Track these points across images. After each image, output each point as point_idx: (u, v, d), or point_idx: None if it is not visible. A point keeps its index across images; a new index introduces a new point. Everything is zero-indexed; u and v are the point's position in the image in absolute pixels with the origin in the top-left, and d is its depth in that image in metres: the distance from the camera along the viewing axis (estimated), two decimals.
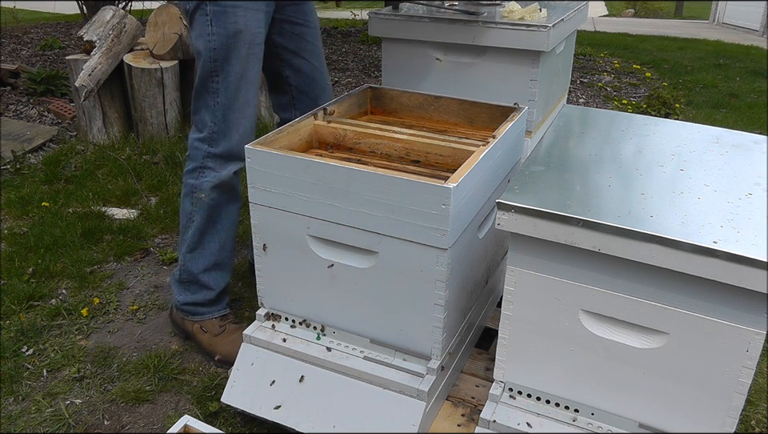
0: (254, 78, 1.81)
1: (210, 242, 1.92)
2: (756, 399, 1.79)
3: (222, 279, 1.96)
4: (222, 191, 1.87)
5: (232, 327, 1.96)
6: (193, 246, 1.92)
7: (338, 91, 4.69)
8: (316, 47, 2.01)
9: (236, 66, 1.77)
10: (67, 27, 6.74)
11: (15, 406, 1.75)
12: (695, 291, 1.16)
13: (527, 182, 1.33)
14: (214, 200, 1.87)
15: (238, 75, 1.77)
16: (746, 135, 1.63)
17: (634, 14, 14.05)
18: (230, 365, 1.75)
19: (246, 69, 1.78)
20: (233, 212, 1.93)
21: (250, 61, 1.78)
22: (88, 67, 3.28)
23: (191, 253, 1.92)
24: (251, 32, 1.76)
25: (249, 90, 1.81)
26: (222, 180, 1.85)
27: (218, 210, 1.89)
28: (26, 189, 2.98)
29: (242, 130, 1.82)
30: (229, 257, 1.97)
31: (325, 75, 2.06)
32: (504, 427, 1.37)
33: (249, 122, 1.83)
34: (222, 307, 1.99)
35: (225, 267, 1.97)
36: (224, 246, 1.94)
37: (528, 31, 1.90)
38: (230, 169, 1.85)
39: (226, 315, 1.99)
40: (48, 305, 2.17)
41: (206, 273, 1.93)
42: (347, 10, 9.37)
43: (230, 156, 1.84)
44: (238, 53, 1.75)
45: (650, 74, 5.75)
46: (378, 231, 1.41)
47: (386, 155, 1.70)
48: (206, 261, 1.93)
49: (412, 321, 1.46)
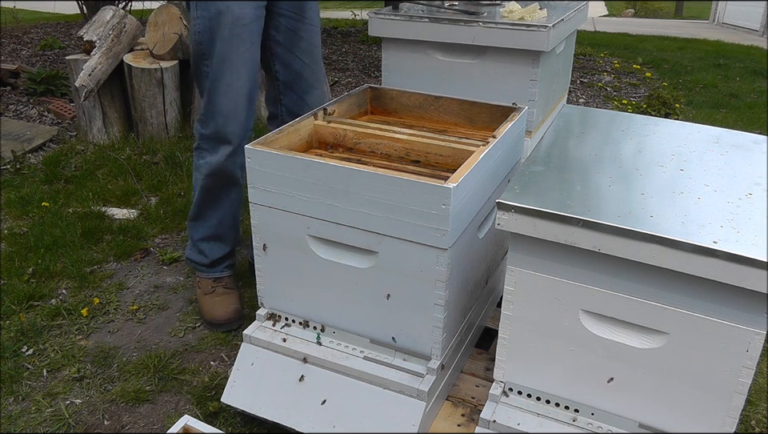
0: (239, 61, 1.81)
1: (209, 217, 2.04)
2: (756, 399, 1.79)
3: (218, 249, 2.09)
4: (218, 178, 1.94)
5: (221, 290, 2.08)
6: (193, 216, 2.08)
7: (337, 91, 4.69)
8: (311, 46, 2.00)
9: (219, 48, 1.80)
10: (67, 27, 6.74)
11: (15, 406, 1.75)
12: (695, 291, 1.16)
13: (527, 182, 1.33)
14: (209, 184, 1.97)
15: (221, 57, 1.80)
16: (746, 135, 1.63)
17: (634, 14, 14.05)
18: (213, 326, 2.03)
19: (230, 51, 1.80)
20: (233, 195, 2.02)
21: (233, 42, 1.79)
22: (88, 67, 3.28)
23: (192, 221, 2.09)
24: (233, 13, 1.77)
25: (233, 72, 1.82)
26: (215, 168, 1.90)
27: (216, 192, 1.99)
28: (26, 189, 2.98)
29: (226, 113, 1.84)
30: (229, 231, 2.08)
31: (316, 75, 2.05)
32: (504, 428, 1.37)
33: (233, 105, 1.84)
34: (218, 271, 2.11)
35: (223, 240, 2.08)
36: (222, 222, 2.05)
37: (528, 31, 1.90)
38: (221, 153, 1.89)
39: (221, 278, 2.11)
40: (48, 305, 2.17)
41: (203, 242, 2.08)
42: (347, 9, 9.37)
43: (218, 138, 1.88)
44: (220, 34, 1.78)
45: (649, 74, 5.75)
46: (378, 231, 1.41)
47: (386, 155, 1.70)
48: (204, 232, 2.07)
49: (412, 321, 1.46)
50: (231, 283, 2.13)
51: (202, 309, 2.10)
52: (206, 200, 2.00)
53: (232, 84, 1.83)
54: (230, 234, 2.09)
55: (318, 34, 2.03)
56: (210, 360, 1.94)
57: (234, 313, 2.06)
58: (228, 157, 1.90)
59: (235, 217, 2.08)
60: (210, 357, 1.96)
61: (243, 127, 1.89)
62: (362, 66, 5.59)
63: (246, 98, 1.86)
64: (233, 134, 1.87)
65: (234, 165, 1.92)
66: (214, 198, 2.00)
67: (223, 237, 2.08)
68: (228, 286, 2.11)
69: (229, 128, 1.85)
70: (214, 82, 1.83)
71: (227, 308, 2.05)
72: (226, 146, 1.89)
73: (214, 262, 2.10)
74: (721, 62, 6.39)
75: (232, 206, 2.03)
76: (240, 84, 1.84)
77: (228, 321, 2.05)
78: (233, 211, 2.05)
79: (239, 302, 2.10)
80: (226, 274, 2.13)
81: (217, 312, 2.05)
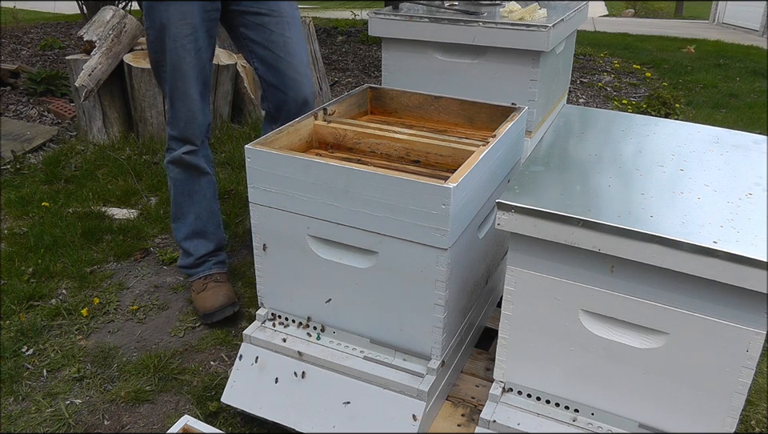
0: (188, 70, 1.90)
1: (186, 213, 2.12)
2: (756, 399, 1.79)
3: (202, 246, 2.15)
4: (182, 168, 2.05)
5: (212, 284, 2.11)
6: (174, 216, 2.15)
7: (337, 91, 4.69)
8: (284, 38, 1.99)
9: (168, 58, 1.90)
10: (67, 27, 6.74)
11: (15, 406, 1.75)
12: (695, 291, 1.16)
13: (527, 182, 1.33)
14: (177, 175, 2.07)
15: (171, 66, 1.90)
16: (746, 135, 1.63)
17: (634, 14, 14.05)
18: (208, 318, 2.06)
19: (178, 61, 1.89)
20: (204, 186, 2.10)
21: (179, 53, 1.88)
22: (88, 67, 3.28)
23: (175, 223, 2.16)
24: (175, 25, 1.85)
25: (185, 81, 1.91)
26: (177, 159, 2.03)
27: (187, 185, 2.08)
28: (26, 189, 2.98)
29: (186, 118, 1.97)
30: (208, 226, 2.15)
31: (297, 68, 2.03)
32: (504, 428, 1.37)
33: (190, 111, 1.96)
34: (206, 268, 2.16)
35: (205, 236, 2.15)
36: (199, 216, 2.12)
37: (528, 31, 1.90)
38: (184, 148, 2.02)
39: (211, 275, 2.15)
40: (48, 305, 2.17)
41: (187, 240, 2.14)
42: (347, 9, 9.37)
43: (183, 139, 2.01)
44: (167, 46, 1.88)
45: (649, 74, 5.75)
46: (378, 231, 1.41)
47: (386, 155, 1.70)
48: (186, 230, 2.14)
49: (412, 321, 1.46)
50: (222, 278, 2.16)
51: (195, 307, 2.12)
52: (179, 195, 2.10)
53: (186, 92, 1.93)
54: (209, 228, 2.15)
55: (292, 26, 2.02)
56: (210, 360, 1.94)
57: (226, 299, 2.06)
58: (189, 152, 2.03)
59: (212, 211, 2.15)
60: (210, 357, 1.96)
61: (201, 128, 2.01)
62: (362, 66, 5.59)
63: (200, 101, 1.97)
64: (194, 135, 2.01)
65: (195, 158, 2.04)
66: (187, 191, 2.09)
67: (204, 232, 2.14)
68: (219, 280, 2.14)
69: (189, 131, 2.00)
70: (170, 89, 1.94)
71: (217, 296, 2.07)
72: (190, 145, 2.02)
73: (200, 259, 2.15)
74: (721, 62, 6.40)
75: (206, 198, 2.12)
76: (192, 90, 1.94)
77: (221, 307, 2.05)
78: (207, 204, 2.13)
79: (231, 291, 2.12)
80: (215, 270, 2.16)
81: (208, 303, 2.07)
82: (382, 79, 2.23)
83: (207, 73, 1.98)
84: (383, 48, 2.17)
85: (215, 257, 2.18)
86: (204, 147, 2.06)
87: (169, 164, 2.06)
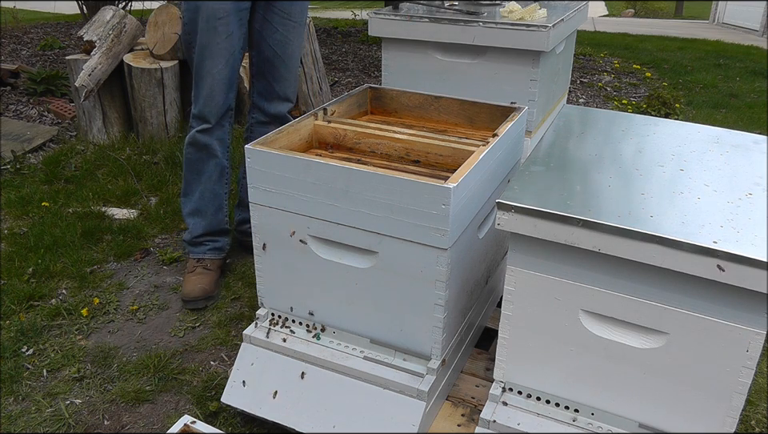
0: (216, 50, 2.02)
1: (193, 190, 2.23)
2: (756, 399, 1.79)
3: (199, 225, 2.25)
4: (196, 149, 2.16)
5: (200, 270, 2.21)
6: (183, 191, 2.27)
7: (337, 91, 4.69)
8: (286, 39, 2.15)
9: (199, 38, 2.02)
10: (67, 27, 6.74)
11: (15, 406, 1.75)
12: (695, 291, 1.16)
13: (527, 182, 1.33)
14: (190, 154, 2.18)
15: (201, 46, 2.03)
16: (746, 135, 1.63)
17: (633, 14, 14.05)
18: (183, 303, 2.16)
19: (208, 41, 2.01)
20: (211, 168, 2.20)
21: (209, 33, 2.00)
22: (88, 67, 3.28)
23: (183, 198, 2.27)
24: (209, 7, 1.98)
25: (211, 59, 2.03)
26: (192, 138, 2.14)
27: (197, 165, 2.19)
28: (26, 189, 2.98)
29: (206, 95, 2.07)
30: (208, 207, 2.24)
31: (288, 68, 2.20)
32: (504, 428, 1.37)
33: (210, 89, 2.06)
34: (201, 251, 2.26)
35: (203, 215, 2.25)
36: (202, 195, 2.22)
37: (528, 31, 1.90)
38: (200, 127, 2.12)
39: (203, 259, 2.24)
40: (48, 305, 2.17)
41: (190, 216, 2.26)
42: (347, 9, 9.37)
43: (201, 117, 2.11)
44: (200, 26, 2.01)
45: (649, 74, 5.75)
46: (378, 231, 1.41)
47: (386, 155, 1.70)
48: (190, 206, 2.26)
49: (412, 321, 1.46)
50: (212, 266, 2.24)
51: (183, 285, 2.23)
52: (189, 171, 2.21)
53: (210, 70, 2.04)
54: (209, 209, 2.25)
55: (296, 31, 2.17)
56: (210, 360, 1.94)
57: (200, 292, 2.15)
58: (204, 131, 2.12)
59: (215, 193, 2.24)
60: (210, 357, 1.96)
61: (219, 109, 2.11)
62: (362, 66, 5.59)
63: (223, 83, 2.07)
64: (210, 114, 2.10)
65: (209, 138, 2.14)
66: (196, 169, 2.20)
67: (203, 212, 2.24)
68: (208, 268, 2.22)
69: (207, 109, 2.10)
70: (197, 68, 2.06)
71: (195, 286, 2.16)
72: (206, 123, 2.12)
73: (196, 239, 2.25)
74: (721, 62, 6.39)
75: (211, 180, 2.21)
76: (217, 71, 2.04)
77: (194, 299, 2.15)
78: (212, 186, 2.23)
79: (211, 284, 2.20)
80: (208, 256, 2.25)
81: (186, 288, 2.17)
82: (382, 79, 2.23)
83: (236, 60, 2.08)
84: (383, 48, 2.17)
85: (212, 242, 2.26)
86: (220, 129, 2.14)
87: (186, 145, 2.17)
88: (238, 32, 2.05)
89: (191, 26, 2.04)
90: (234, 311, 2.16)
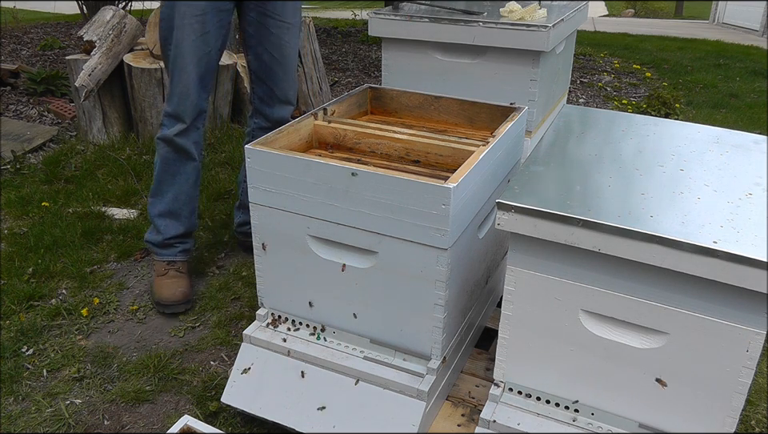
0: (191, 48, 1.98)
1: (165, 191, 2.16)
2: (756, 399, 1.79)
3: (172, 227, 2.19)
4: (172, 149, 2.10)
5: (173, 273, 2.17)
6: (152, 191, 2.19)
7: (337, 91, 4.69)
8: (281, 41, 2.12)
9: (175, 34, 1.98)
10: (67, 27, 6.74)
11: (15, 406, 1.75)
12: (695, 291, 1.16)
13: (527, 182, 1.33)
14: (165, 154, 2.11)
15: (175, 43, 1.99)
16: (746, 135, 1.63)
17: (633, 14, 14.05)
18: (161, 307, 2.12)
19: (182, 38, 1.98)
20: (188, 169, 2.15)
21: (184, 31, 1.97)
22: (88, 67, 3.28)
23: (152, 198, 2.20)
24: (185, 4, 1.94)
25: (184, 57, 1.99)
26: (168, 138, 2.07)
27: (173, 165, 2.12)
28: (26, 189, 2.98)
29: (180, 93, 2.03)
30: (183, 209, 2.19)
31: (286, 71, 2.17)
32: (504, 428, 1.37)
33: (185, 87, 2.02)
34: (172, 254, 2.20)
35: (177, 217, 2.19)
36: (177, 197, 2.17)
37: (528, 31, 1.90)
38: (175, 128, 2.06)
39: (174, 262, 2.19)
40: (48, 305, 2.17)
41: (160, 217, 2.18)
42: (347, 9, 9.37)
43: (175, 116, 2.06)
44: (175, 23, 1.97)
45: (649, 74, 5.75)
46: (378, 231, 1.41)
47: (386, 155, 1.70)
48: (161, 207, 2.18)
49: (412, 321, 1.46)
50: (184, 269, 2.21)
51: (152, 290, 2.18)
52: (163, 172, 2.14)
53: (184, 68, 2.00)
54: (184, 211, 2.20)
55: (291, 32, 2.14)
56: (210, 360, 1.94)
57: (182, 296, 2.13)
58: (180, 133, 2.07)
59: (191, 196, 2.20)
60: (210, 357, 1.96)
61: (194, 108, 2.06)
62: (362, 66, 5.59)
63: (196, 81, 2.02)
64: (185, 113, 2.05)
65: (186, 140, 2.08)
66: (171, 170, 2.13)
67: (178, 214, 2.19)
68: (180, 270, 2.19)
69: (181, 108, 2.05)
70: (171, 65, 2.02)
71: (175, 290, 2.13)
72: (180, 123, 2.06)
73: (168, 241, 2.19)
74: (721, 62, 6.39)
75: (188, 182, 2.16)
76: (191, 68, 2.00)
77: (175, 303, 2.12)
78: (188, 189, 2.18)
79: (189, 287, 2.18)
80: (179, 258, 2.21)
81: (164, 293, 2.12)
82: (382, 79, 2.23)
83: (212, 60, 2.04)
84: (383, 48, 2.17)
85: (182, 244, 2.22)
86: (195, 131, 2.10)
87: (159, 140, 2.10)
88: (215, 31, 2.01)
89: (167, 23, 2.00)
90: (234, 311, 2.16)
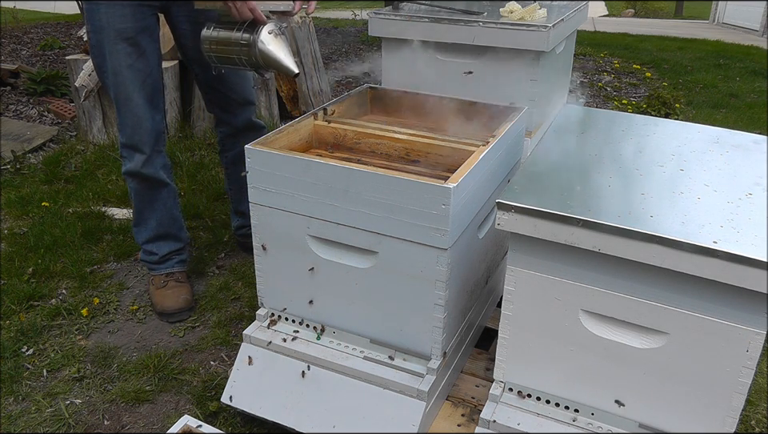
0: (130, 73, 1.85)
1: (147, 220, 2.11)
2: (756, 399, 1.78)
3: (165, 246, 2.16)
4: (140, 181, 2.01)
5: (173, 283, 2.14)
6: (135, 221, 2.14)
7: (337, 91, 4.69)
8: None
9: (108, 62, 1.85)
10: (67, 27, 6.74)
11: (15, 406, 1.75)
12: (695, 291, 1.16)
13: (527, 182, 1.33)
14: (136, 187, 2.03)
15: (111, 71, 1.86)
16: (746, 135, 1.63)
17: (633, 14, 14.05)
18: (165, 317, 2.10)
19: (118, 65, 1.84)
20: (164, 194, 2.09)
21: (119, 57, 1.83)
22: (88, 67, 3.28)
23: (136, 227, 2.15)
24: (114, 28, 1.80)
25: (128, 84, 1.86)
26: (134, 172, 1.98)
27: (146, 194, 2.06)
28: (26, 189, 2.98)
29: (132, 124, 1.91)
30: (170, 230, 2.15)
31: (237, 71, 2.03)
32: (504, 428, 1.37)
33: (135, 117, 1.90)
34: (169, 266, 2.17)
35: (168, 237, 2.16)
36: (161, 222, 2.12)
37: (528, 31, 1.90)
38: (137, 160, 1.96)
39: (173, 273, 2.17)
40: (48, 305, 2.17)
41: (149, 243, 2.15)
42: (347, 9, 9.37)
43: (132, 147, 1.95)
44: (106, 50, 1.83)
45: (649, 74, 5.75)
46: (378, 231, 1.41)
47: (386, 155, 1.70)
48: (147, 234, 2.14)
49: (412, 321, 1.46)
50: (183, 278, 2.20)
51: (153, 302, 2.16)
52: (140, 202, 2.08)
53: (129, 96, 1.88)
54: (171, 231, 2.16)
55: None
56: (210, 360, 1.94)
57: (185, 303, 2.12)
58: (144, 163, 1.97)
59: (174, 216, 2.16)
60: (210, 357, 1.96)
61: (150, 134, 1.95)
62: (362, 66, 5.59)
63: (145, 107, 1.91)
64: (141, 142, 1.94)
65: (152, 168, 2.00)
66: (147, 199, 2.07)
67: (167, 235, 2.16)
68: (180, 280, 2.18)
69: (137, 138, 1.93)
70: (115, 95, 1.89)
71: (178, 299, 2.12)
72: (140, 154, 1.96)
73: (164, 257, 2.17)
74: (721, 62, 6.39)
75: (167, 206, 2.11)
76: (136, 95, 1.88)
77: (179, 311, 2.11)
78: (169, 211, 2.13)
79: (190, 294, 2.17)
80: (177, 269, 2.19)
81: (167, 303, 2.11)
82: (382, 79, 2.23)
83: (156, 79, 1.93)
84: (383, 48, 2.17)
85: (178, 255, 2.21)
86: (158, 156, 2.00)
87: (126, 175, 2.02)
88: (151, 47, 1.89)
89: (98, 50, 1.84)
90: (234, 311, 2.16)
